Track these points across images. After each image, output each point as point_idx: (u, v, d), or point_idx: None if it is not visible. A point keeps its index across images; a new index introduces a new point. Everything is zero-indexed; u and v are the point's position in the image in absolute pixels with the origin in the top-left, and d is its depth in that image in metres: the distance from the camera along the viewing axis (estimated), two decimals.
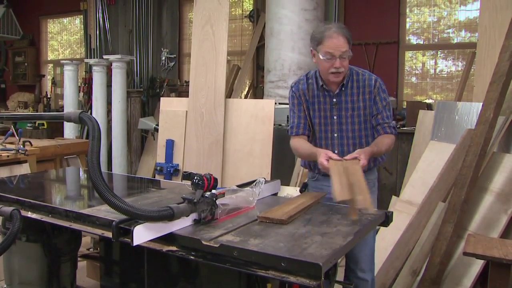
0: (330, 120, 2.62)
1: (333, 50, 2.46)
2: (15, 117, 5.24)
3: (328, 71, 2.51)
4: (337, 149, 2.61)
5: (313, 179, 2.77)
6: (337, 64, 2.47)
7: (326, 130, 2.63)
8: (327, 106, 2.61)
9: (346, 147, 2.62)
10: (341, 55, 2.46)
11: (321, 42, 2.48)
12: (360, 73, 2.64)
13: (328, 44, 2.46)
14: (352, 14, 5.95)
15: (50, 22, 9.47)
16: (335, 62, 2.47)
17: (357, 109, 2.59)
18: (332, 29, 2.48)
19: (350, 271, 2.67)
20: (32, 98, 9.03)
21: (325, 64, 2.50)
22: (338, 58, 2.47)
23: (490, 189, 3.11)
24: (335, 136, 2.62)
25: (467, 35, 5.62)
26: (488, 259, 2.39)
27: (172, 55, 7.57)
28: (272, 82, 5.06)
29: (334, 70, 2.49)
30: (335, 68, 2.48)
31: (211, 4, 4.54)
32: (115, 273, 2.56)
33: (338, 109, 2.60)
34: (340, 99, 2.59)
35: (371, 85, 2.59)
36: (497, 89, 3.08)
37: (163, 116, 4.84)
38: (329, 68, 2.50)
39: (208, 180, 2.00)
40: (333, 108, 2.60)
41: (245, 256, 1.64)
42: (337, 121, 2.61)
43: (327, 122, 2.62)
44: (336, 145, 2.62)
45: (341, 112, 2.60)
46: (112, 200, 1.72)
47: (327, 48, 2.46)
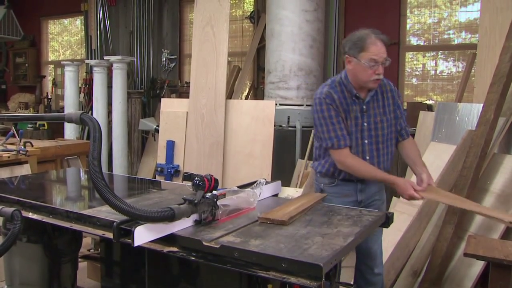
0: (360, 127, 2.59)
1: (378, 56, 2.45)
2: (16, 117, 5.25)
3: (370, 78, 2.49)
4: (368, 155, 2.60)
5: (331, 185, 2.67)
6: (380, 70, 2.47)
7: (356, 138, 2.60)
8: (358, 113, 2.59)
9: (375, 152, 2.63)
10: (383, 61, 2.47)
11: (364, 49, 2.45)
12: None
13: (373, 50, 2.44)
14: (352, 15, 5.95)
15: (51, 23, 9.48)
16: (378, 68, 2.47)
17: (384, 114, 2.62)
18: (373, 36, 2.46)
19: (368, 268, 2.71)
20: (33, 99, 9.04)
21: (368, 71, 2.47)
22: (381, 64, 2.47)
23: (491, 190, 3.11)
24: (366, 143, 2.61)
25: (467, 36, 5.62)
26: (489, 260, 2.39)
27: (173, 56, 7.58)
28: (273, 83, 5.06)
29: (377, 77, 2.49)
30: (377, 74, 2.48)
31: (211, 5, 4.54)
32: (115, 274, 2.56)
33: (368, 116, 2.60)
34: (368, 106, 2.59)
35: (392, 90, 2.66)
36: (497, 90, 3.08)
37: (164, 117, 4.84)
38: (371, 75, 2.48)
39: (209, 181, 2.00)
40: (363, 115, 2.59)
41: (246, 257, 1.64)
42: (367, 127, 2.60)
43: (357, 130, 2.59)
44: (366, 151, 2.61)
45: (370, 118, 2.60)
46: (113, 201, 1.72)
47: (372, 55, 2.44)
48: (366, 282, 2.73)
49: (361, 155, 2.60)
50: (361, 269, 2.74)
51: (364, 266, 2.73)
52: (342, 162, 2.54)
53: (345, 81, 2.58)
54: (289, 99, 4.96)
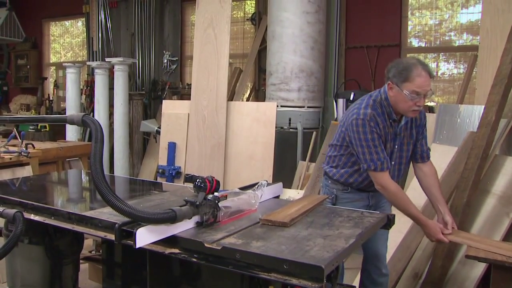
0: (391, 149, 2.60)
1: (421, 89, 2.39)
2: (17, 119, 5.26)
3: (410, 109, 2.45)
4: (390, 174, 2.60)
5: (344, 191, 2.71)
6: (421, 103, 2.43)
7: None
8: (391, 136, 2.58)
9: (397, 172, 2.67)
10: (425, 94, 2.42)
11: (409, 79, 2.39)
12: None
13: (418, 83, 2.38)
14: (353, 17, 5.96)
15: (53, 25, 9.50)
16: (419, 100, 2.42)
17: (410, 136, 2.63)
18: (420, 67, 2.40)
19: (376, 269, 2.74)
20: (35, 100, 9.06)
21: (409, 102, 2.43)
22: (423, 97, 2.43)
23: (492, 192, 3.11)
24: (392, 164, 2.62)
25: (468, 38, 5.62)
26: (491, 262, 2.39)
27: (174, 57, 7.59)
28: (274, 85, 5.07)
29: (417, 108, 2.45)
30: (418, 106, 2.44)
31: (213, 7, 4.55)
32: (117, 276, 2.56)
33: (399, 139, 2.61)
34: (400, 130, 2.59)
35: (422, 112, 2.62)
36: (499, 92, 3.08)
37: (165, 119, 4.84)
38: (411, 106, 2.44)
39: (211, 182, 2.00)
40: (396, 139, 2.60)
41: (247, 259, 1.64)
42: (397, 149, 2.62)
43: (388, 152, 2.59)
44: (390, 171, 2.60)
45: (401, 140, 2.61)
46: (115, 203, 1.73)
47: (416, 87, 2.39)
48: (373, 283, 2.75)
49: None
50: (369, 270, 2.77)
51: (372, 267, 2.76)
52: (383, 186, 2.53)
53: (385, 103, 2.53)
54: (290, 100, 4.97)
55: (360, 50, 5.87)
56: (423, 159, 2.71)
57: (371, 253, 2.73)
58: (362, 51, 5.85)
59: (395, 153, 2.62)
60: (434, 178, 2.69)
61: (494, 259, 2.32)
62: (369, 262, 2.77)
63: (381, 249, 2.73)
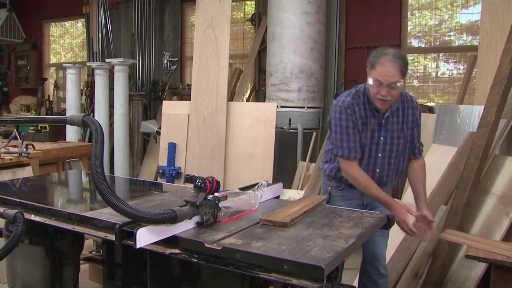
0: (377, 140, 2.60)
1: (382, 78, 2.42)
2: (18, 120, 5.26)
3: (375, 96, 2.49)
4: (379, 168, 2.64)
5: (338, 189, 2.74)
6: (383, 92, 2.44)
7: (370, 150, 2.62)
8: (375, 127, 2.59)
9: (387, 165, 2.65)
10: (390, 85, 2.42)
11: (374, 67, 2.45)
12: (402, 94, 2.63)
13: (379, 71, 2.43)
14: (353, 18, 5.96)
15: (53, 26, 9.50)
16: (381, 89, 2.44)
17: (402, 130, 2.62)
18: (388, 57, 2.43)
19: (375, 270, 2.73)
20: (35, 101, 9.06)
21: (373, 90, 2.48)
22: (386, 87, 2.43)
23: (492, 192, 3.11)
24: (379, 156, 2.62)
25: (468, 38, 5.62)
26: (490, 262, 2.39)
27: (174, 58, 7.59)
28: (274, 85, 5.07)
29: (380, 97, 2.47)
30: (381, 95, 2.46)
31: (213, 7, 4.56)
32: (117, 276, 2.57)
33: (385, 131, 2.60)
34: (387, 121, 2.59)
35: (414, 107, 2.64)
36: (498, 92, 3.09)
37: (165, 119, 4.85)
38: (375, 94, 2.48)
39: (211, 183, 2.00)
40: (381, 129, 2.59)
41: (248, 259, 1.64)
42: (383, 141, 2.61)
43: (373, 142, 2.60)
44: (378, 164, 2.63)
45: (388, 133, 2.60)
46: (115, 203, 1.73)
47: (377, 75, 2.43)
48: (372, 283, 2.75)
49: (373, 167, 2.63)
50: (367, 270, 2.76)
51: (370, 267, 2.75)
52: (347, 173, 2.59)
53: (367, 93, 2.56)
54: (291, 101, 4.97)
55: (360, 50, 5.88)
56: (415, 155, 2.73)
57: (370, 253, 2.73)
58: (362, 52, 5.85)
59: (381, 145, 2.60)
60: (421, 173, 2.71)
61: (494, 259, 2.33)
62: (368, 262, 2.76)
63: (379, 250, 2.72)
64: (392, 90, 2.43)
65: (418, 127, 2.69)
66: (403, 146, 2.65)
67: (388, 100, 2.47)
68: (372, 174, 2.63)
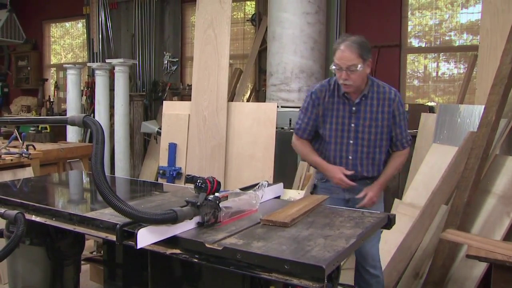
0: (347, 127, 2.69)
1: (340, 62, 2.55)
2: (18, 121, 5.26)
3: (339, 81, 2.61)
4: (351, 155, 2.70)
5: (322, 181, 2.85)
6: (343, 76, 2.55)
7: (342, 136, 2.70)
8: (346, 113, 2.68)
9: (359, 154, 2.70)
10: (347, 68, 2.53)
11: (334, 53, 2.60)
12: (381, 85, 2.71)
13: (337, 55, 2.57)
14: (354, 18, 5.96)
15: (53, 26, 9.50)
16: (341, 74, 2.55)
17: (375, 120, 2.67)
18: (345, 42, 2.55)
19: (363, 269, 2.75)
20: (35, 102, 9.06)
21: (337, 73, 2.61)
22: (345, 71, 2.54)
23: (493, 192, 3.11)
24: (350, 143, 2.69)
25: (469, 37, 5.62)
26: (491, 262, 2.39)
27: (175, 58, 7.59)
28: (275, 85, 5.07)
29: (341, 81, 2.58)
30: (342, 79, 2.57)
31: (213, 8, 4.55)
32: (118, 277, 2.57)
33: (357, 118, 2.67)
34: (359, 108, 2.67)
35: (390, 99, 2.68)
36: (499, 92, 3.08)
37: (166, 120, 4.85)
38: (339, 78, 2.60)
39: (211, 183, 2.00)
40: (351, 116, 2.68)
41: (248, 259, 1.64)
42: (354, 129, 2.68)
43: (344, 129, 2.69)
44: (350, 151, 2.70)
45: (359, 121, 2.67)
46: (116, 203, 1.73)
47: (336, 59, 2.58)
48: (365, 283, 2.76)
49: (345, 154, 2.71)
50: (359, 270, 2.79)
51: (361, 268, 2.77)
52: (293, 144, 2.89)
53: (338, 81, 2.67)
54: (291, 101, 4.97)
55: None
56: (397, 147, 2.77)
57: (360, 253, 2.75)
58: None
59: (352, 132, 2.68)
60: (395, 159, 2.77)
61: (494, 258, 2.33)
62: (358, 262, 2.79)
63: (370, 250, 2.74)
64: (352, 74, 2.54)
65: (395, 120, 2.69)
66: (376, 136, 2.68)
67: (349, 84, 2.57)
68: (346, 161, 2.71)
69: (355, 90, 2.63)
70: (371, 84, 2.69)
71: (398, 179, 5.44)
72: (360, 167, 2.71)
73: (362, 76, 2.60)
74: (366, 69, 2.60)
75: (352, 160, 2.70)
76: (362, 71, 2.57)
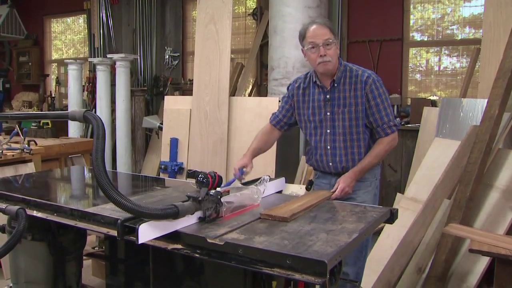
0: (324, 116, 2.65)
1: (315, 38, 2.52)
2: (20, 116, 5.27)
3: (316, 62, 2.56)
4: (330, 145, 2.66)
5: (315, 176, 2.85)
6: (321, 52, 2.52)
7: (321, 127, 2.67)
8: (321, 102, 2.65)
9: (338, 143, 2.64)
10: (324, 42, 2.51)
11: (305, 35, 2.57)
12: (354, 69, 2.62)
13: (310, 34, 2.55)
14: (355, 11, 5.94)
15: (54, 22, 9.49)
16: (319, 50, 2.52)
17: (349, 105, 2.59)
18: (314, 23, 2.58)
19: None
20: (37, 97, 9.06)
21: (311, 56, 2.56)
22: (322, 46, 2.51)
23: (496, 186, 3.09)
24: (328, 132, 2.65)
25: (471, 31, 5.59)
26: (494, 256, 2.38)
27: (176, 53, 7.58)
28: (276, 80, 5.05)
29: (320, 60, 2.53)
30: (321, 56, 2.52)
31: (214, 2, 4.54)
32: (120, 272, 2.57)
33: (331, 106, 2.62)
34: (333, 96, 2.61)
35: (362, 82, 2.56)
36: (502, 86, 3.07)
37: (167, 115, 4.84)
38: (316, 59, 2.55)
39: (213, 178, 1.99)
40: (326, 105, 2.63)
41: (250, 254, 1.64)
42: (330, 117, 2.63)
43: (321, 119, 2.66)
44: (328, 141, 2.66)
45: (334, 108, 2.62)
46: (117, 199, 1.72)
47: (310, 38, 2.54)
48: None
49: (324, 144, 2.67)
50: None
51: None
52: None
53: (313, 73, 2.69)
54: None
55: (362, 44, 5.85)
56: (379, 134, 2.60)
57: None
58: (364, 46, 5.83)
59: (328, 121, 2.63)
60: (376, 147, 2.60)
61: (497, 253, 2.32)
62: None
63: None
64: (329, 50, 2.52)
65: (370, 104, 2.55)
66: (351, 123, 2.58)
67: (328, 60, 2.53)
68: (325, 151, 2.67)
69: (333, 68, 2.56)
70: (343, 70, 2.61)
71: (401, 173, 5.44)
72: (339, 157, 2.63)
73: (336, 54, 2.57)
74: (338, 47, 2.59)
75: (331, 150, 2.64)
76: (336, 48, 2.55)
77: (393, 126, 2.59)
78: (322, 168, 2.74)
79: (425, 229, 3.30)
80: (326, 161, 2.69)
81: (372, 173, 2.70)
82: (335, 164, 2.66)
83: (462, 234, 2.59)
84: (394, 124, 2.60)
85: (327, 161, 2.68)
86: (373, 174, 2.72)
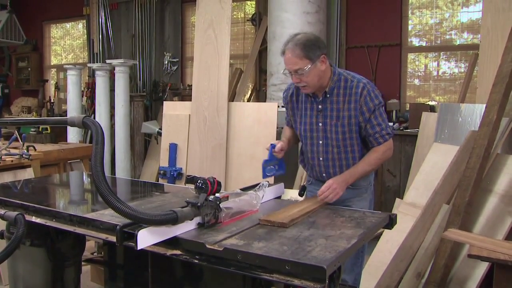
0: (316, 126, 2.57)
1: (287, 66, 2.46)
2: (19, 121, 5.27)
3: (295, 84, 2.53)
4: (322, 156, 2.60)
5: (308, 183, 2.81)
6: (294, 80, 2.47)
7: (312, 137, 2.60)
8: (313, 112, 2.56)
9: (331, 154, 2.57)
10: (295, 72, 2.42)
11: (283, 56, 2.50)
12: (349, 79, 2.51)
13: (284, 60, 2.47)
14: (354, 17, 5.96)
15: (53, 27, 9.51)
16: (293, 77, 2.47)
17: (342, 118, 2.49)
18: (288, 45, 2.44)
19: None
20: (36, 103, 9.07)
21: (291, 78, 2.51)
22: (294, 75, 2.44)
23: (494, 191, 3.10)
24: (320, 143, 2.58)
25: (469, 36, 5.61)
26: (493, 261, 2.38)
27: (175, 59, 7.59)
28: (275, 85, 5.06)
29: (296, 85, 2.51)
30: (295, 83, 2.50)
31: (213, 8, 4.55)
32: (119, 278, 2.56)
33: (323, 117, 2.53)
34: (325, 106, 2.52)
35: (357, 93, 2.45)
36: (500, 91, 3.07)
37: (166, 120, 4.84)
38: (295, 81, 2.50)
39: (212, 183, 1.99)
40: (318, 115, 2.55)
41: (249, 260, 1.64)
42: (322, 128, 2.55)
43: (313, 129, 2.58)
44: (321, 152, 2.59)
45: (326, 119, 2.53)
46: (116, 204, 1.72)
47: (284, 63, 2.48)
48: None
49: (316, 154, 2.62)
50: None
51: None
52: None
53: None
54: None
55: (361, 49, 5.87)
56: (372, 144, 2.52)
57: None
58: (363, 51, 5.85)
59: (321, 131, 2.56)
60: (369, 154, 2.53)
61: (497, 258, 2.32)
62: None
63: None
64: (303, 77, 2.41)
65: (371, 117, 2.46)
66: (344, 136, 2.50)
67: (303, 86, 2.46)
68: (318, 162, 2.62)
69: (314, 89, 2.49)
70: (337, 79, 2.49)
71: (399, 178, 5.44)
72: (332, 168, 2.58)
73: (316, 75, 2.42)
74: (319, 66, 2.41)
75: (324, 161, 2.59)
76: (314, 71, 2.40)
77: (385, 135, 2.50)
78: (316, 177, 2.72)
79: (424, 234, 3.30)
80: (319, 171, 2.66)
81: (366, 180, 2.66)
82: (328, 175, 2.59)
83: (461, 239, 2.59)
84: (387, 132, 2.51)
85: (320, 172, 2.65)
86: (368, 180, 2.68)
